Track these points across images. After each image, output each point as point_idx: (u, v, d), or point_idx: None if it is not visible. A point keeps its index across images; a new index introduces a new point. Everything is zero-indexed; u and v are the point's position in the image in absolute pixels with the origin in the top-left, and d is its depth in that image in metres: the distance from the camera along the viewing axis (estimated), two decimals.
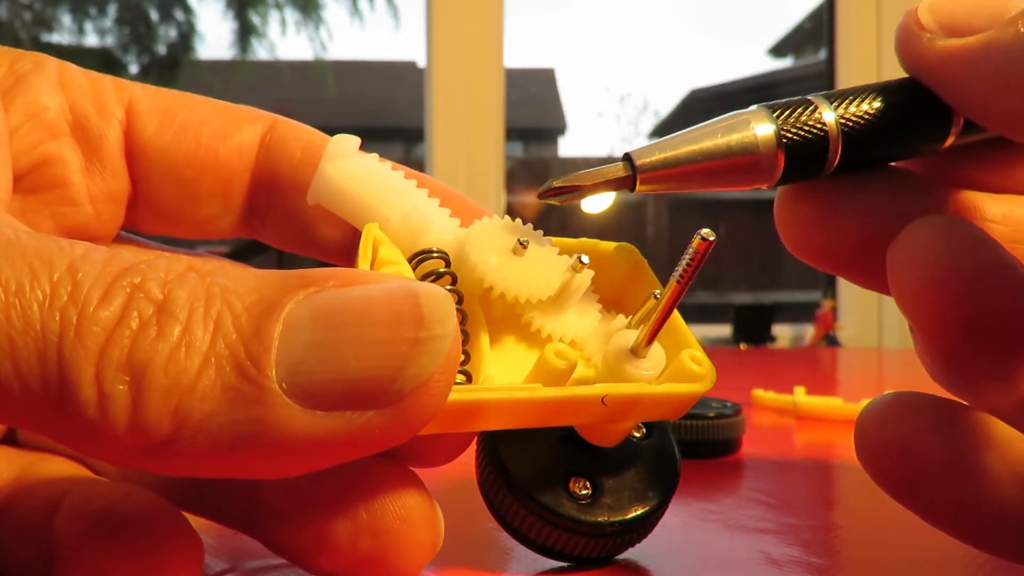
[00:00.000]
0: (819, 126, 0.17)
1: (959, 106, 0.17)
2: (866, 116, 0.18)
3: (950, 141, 0.18)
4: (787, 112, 0.17)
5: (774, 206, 0.20)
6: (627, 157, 0.17)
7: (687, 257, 0.18)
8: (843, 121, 0.17)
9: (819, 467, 0.34)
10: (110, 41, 2.35)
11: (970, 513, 0.17)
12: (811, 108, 0.17)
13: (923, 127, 0.18)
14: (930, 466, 0.17)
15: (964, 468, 0.16)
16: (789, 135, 0.17)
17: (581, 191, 0.17)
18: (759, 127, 0.17)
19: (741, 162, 0.17)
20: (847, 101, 0.18)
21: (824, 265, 0.20)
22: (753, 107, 0.18)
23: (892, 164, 0.19)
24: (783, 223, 0.19)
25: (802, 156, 0.17)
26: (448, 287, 0.19)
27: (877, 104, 0.18)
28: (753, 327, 1.43)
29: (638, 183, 0.17)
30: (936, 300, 0.16)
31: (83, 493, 0.18)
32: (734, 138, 0.17)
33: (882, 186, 0.19)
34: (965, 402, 0.17)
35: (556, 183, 0.17)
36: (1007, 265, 0.15)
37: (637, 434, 0.21)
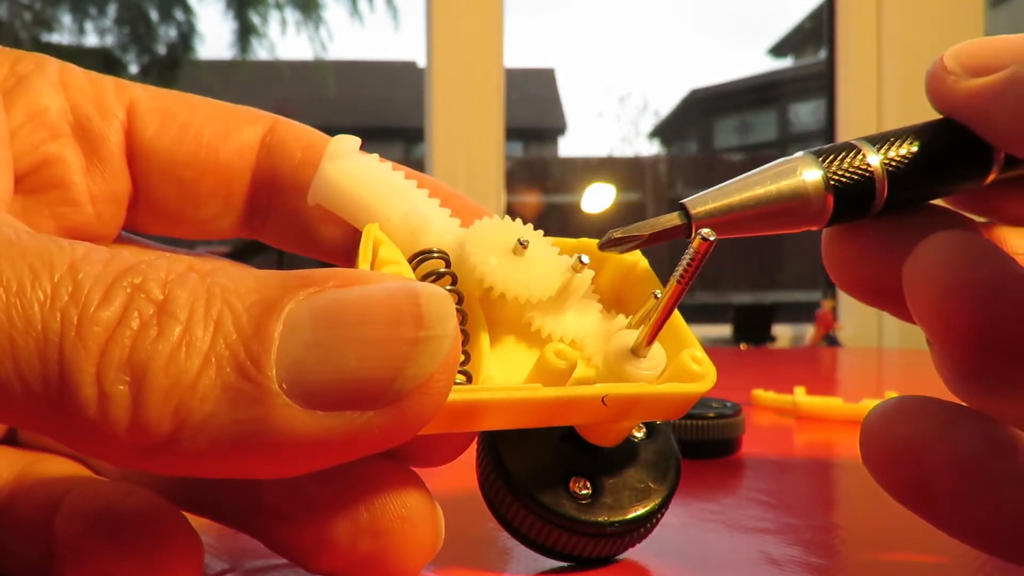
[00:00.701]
0: (865, 169, 0.18)
1: (992, 139, 0.18)
2: (910, 157, 0.18)
3: (992, 177, 0.19)
4: (833, 157, 0.18)
5: (822, 247, 0.20)
6: (682, 207, 0.18)
7: (687, 257, 0.18)
8: (888, 163, 0.18)
9: (819, 467, 0.34)
10: (110, 41, 2.34)
11: (977, 517, 0.17)
12: (856, 152, 0.18)
13: (965, 165, 0.19)
14: (936, 469, 0.17)
15: (971, 471, 0.16)
16: (837, 179, 0.18)
17: (640, 240, 0.18)
18: (807, 173, 0.18)
19: (792, 206, 0.18)
20: (890, 144, 0.19)
21: (874, 300, 0.20)
22: (799, 153, 0.19)
23: (934, 201, 0.20)
24: (831, 263, 0.20)
25: (850, 198, 0.18)
26: (448, 287, 0.19)
27: (920, 145, 0.19)
28: (753, 327, 1.42)
29: (694, 231, 0.18)
30: (950, 310, 0.16)
31: (83, 493, 0.18)
32: (784, 184, 0.18)
33: (924, 223, 0.19)
34: (982, 411, 0.17)
35: (616, 234, 0.18)
36: (1018, 275, 0.16)
37: (638, 434, 0.21)
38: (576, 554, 0.20)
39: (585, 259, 0.20)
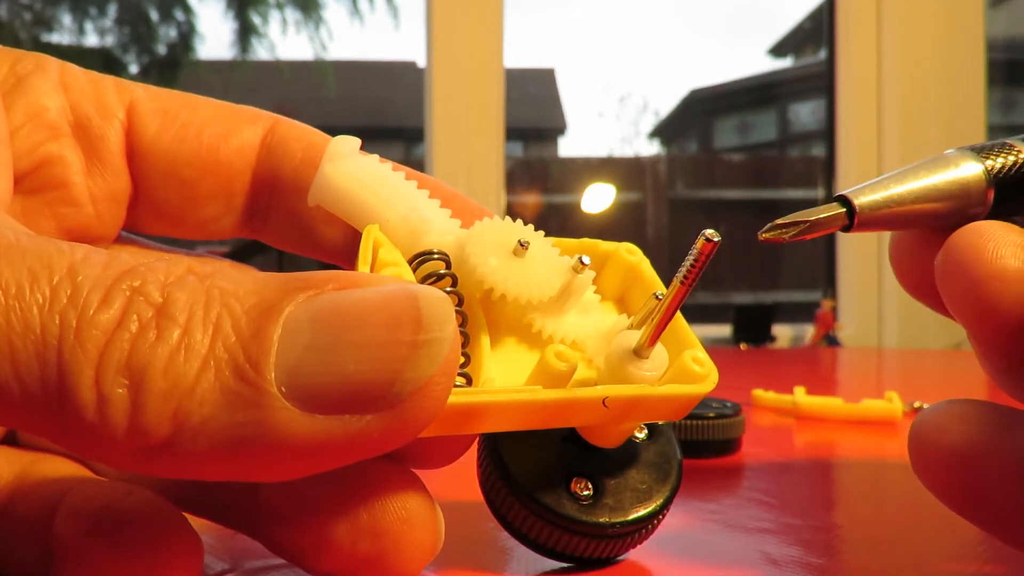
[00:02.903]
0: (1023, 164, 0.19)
1: None
2: None
3: None
4: (991, 152, 0.19)
5: (892, 257, 0.20)
6: (842, 198, 0.18)
7: (691, 258, 0.18)
8: None
9: (819, 467, 0.34)
10: (110, 41, 2.34)
11: None
12: (1012, 148, 0.19)
13: None
14: (993, 477, 0.16)
15: None
16: (998, 173, 0.18)
17: (802, 227, 0.18)
18: (966, 166, 0.18)
19: (951, 199, 0.18)
20: None
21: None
22: (953, 150, 0.19)
23: None
24: (902, 270, 0.20)
25: (1011, 191, 0.19)
26: (448, 289, 0.19)
27: None
28: (753, 327, 1.42)
29: (856, 223, 0.18)
30: (981, 300, 0.16)
31: (83, 493, 0.18)
32: (945, 178, 0.18)
33: None
34: None
35: (780, 221, 0.18)
36: None
37: (639, 435, 0.21)
38: (577, 555, 0.20)
39: (586, 260, 0.20)
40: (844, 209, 0.18)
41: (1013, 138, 0.19)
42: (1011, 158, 0.19)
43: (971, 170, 0.18)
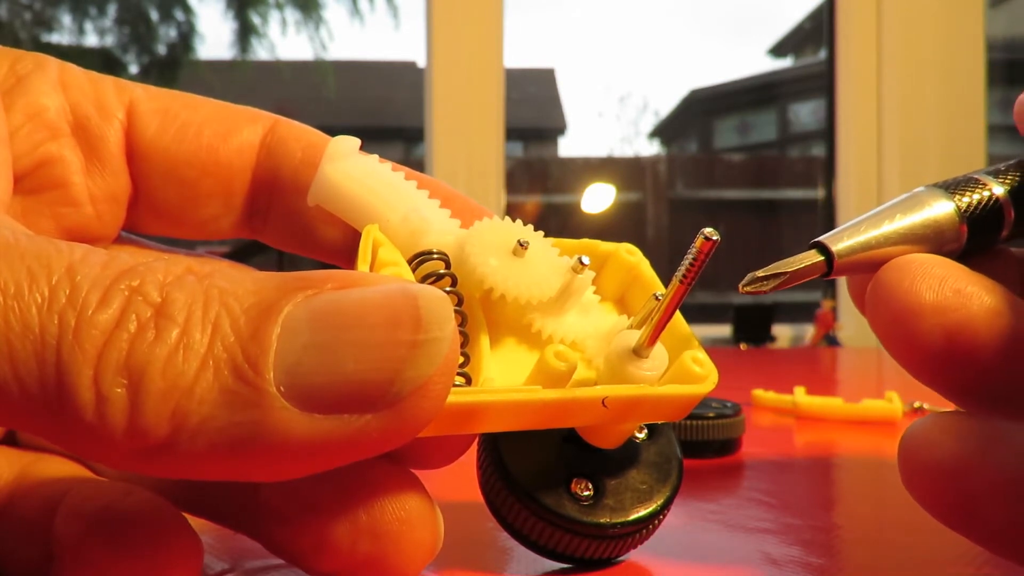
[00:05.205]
0: (993, 199, 0.19)
1: None
2: None
3: None
4: (961, 190, 0.19)
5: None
6: (819, 245, 0.18)
7: (690, 256, 0.18)
8: (1013, 193, 0.19)
9: (819, 467, 0.34)
10: (110, 41, 2.34)
11: None
12: (980, 184, 0.19)
13: None
14: (982, 489, 0.16)
15: (1019, 493, 0.16)
16: (969, 210, 0.19)
17: (782, 278, 0.18)
18: (938, 205, 0.19)
19: (927, 239, 0.18)
20: (1009, 175, 0.19)
21: None
22: (923, 188, 0.19)
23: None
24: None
25: (983, 227, 0.19)
26: (448, 289, 0.19)
27: None
28: (753, 327, 1.42)
29: (835, 269, 0.18)
30: (900, 337, 0.16)
31: (83, 493, 0.18)
32: (918, 219, 0.19)
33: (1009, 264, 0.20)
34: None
35: (759, 273, 0.18)
36: (971, 295, 0.16)
37: (639, 435, 0.21)
38: (577, 555, 0.20)
39: (585, 260, 0.20)
40: (823, 257, 0.18)
41: (979, 172, 0.20)
42: (982, 194, 0.19)
43: (943, 209, 0.19)
